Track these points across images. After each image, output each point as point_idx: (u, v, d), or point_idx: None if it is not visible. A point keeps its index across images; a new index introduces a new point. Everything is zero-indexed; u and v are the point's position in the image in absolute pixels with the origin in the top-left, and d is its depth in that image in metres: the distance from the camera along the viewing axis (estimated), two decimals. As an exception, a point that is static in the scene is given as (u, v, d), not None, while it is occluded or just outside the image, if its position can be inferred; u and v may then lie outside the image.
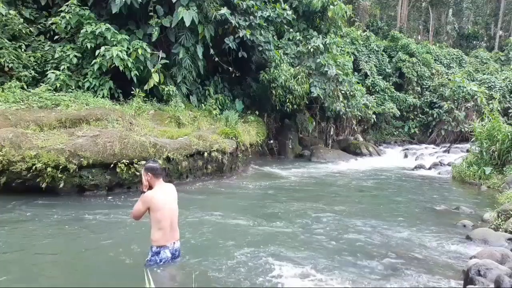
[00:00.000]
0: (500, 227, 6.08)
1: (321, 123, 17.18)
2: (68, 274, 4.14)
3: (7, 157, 6.59)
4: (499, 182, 9.51)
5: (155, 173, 4.04)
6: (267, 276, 4.17)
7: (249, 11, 12.32)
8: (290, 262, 4.53)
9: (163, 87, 10.67)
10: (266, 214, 6.78)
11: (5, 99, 8.23)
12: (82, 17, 9.95)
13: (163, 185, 4.13)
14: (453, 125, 20.92)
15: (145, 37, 10.87)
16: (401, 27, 33.02)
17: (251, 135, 11.94)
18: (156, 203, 3.95)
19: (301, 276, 4.21)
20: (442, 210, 7.65)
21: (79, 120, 8.06)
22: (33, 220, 5.71)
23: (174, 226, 4.10)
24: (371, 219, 6.65)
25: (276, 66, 13.39)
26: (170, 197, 4.11)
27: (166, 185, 4.19)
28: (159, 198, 3.99)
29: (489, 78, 24.22)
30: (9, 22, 9.62)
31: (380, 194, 9.25)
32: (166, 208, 4.00)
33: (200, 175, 9.54)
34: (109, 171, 7.44)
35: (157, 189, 4.05)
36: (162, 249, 4.03)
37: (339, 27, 17.11)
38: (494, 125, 10.67)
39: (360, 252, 5.06)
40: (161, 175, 4.15)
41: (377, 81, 21.92)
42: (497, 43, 35.94)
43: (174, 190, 4.22)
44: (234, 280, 4.06)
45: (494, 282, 3.84)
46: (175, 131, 9.48)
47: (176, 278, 4.03)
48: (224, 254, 4.73)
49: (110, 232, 5.42)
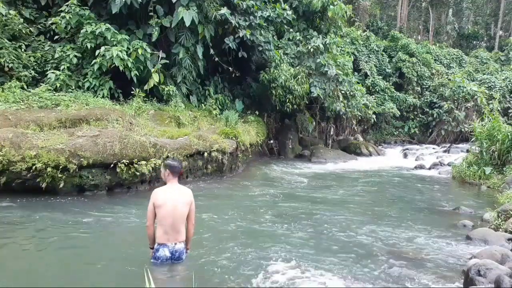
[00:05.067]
0: (500, 227, 6.08)
1: (321, 123, 17.18)
2: (68, 274, 4.14)
3: (7, 157, 6.58)
4: (499, 182, 9.51)
5: (172, 171, 4.12)
6: (267, 276, 4.17)
7: (249, 11, 12.31)
8: (290, 262, 4.53)
9: (163, 87, 10.67)
10: (266, 214, 6.78)
11: (5, 99, 8.23)
12: (82, 17, 9.94)
13: (174, 185, 4.14)
14: (453, 125, 20.94)
15: (145, 37, 10.86)
16: (401, 27, 33.03)
17: (251, 135, 11.94)
18: (158, 199, 3.99)
19: (301, 276, 4.21)
20: (442, 210, 7.66)
21: (79, 120, 8.06)
22: (32, 220, 5.71)
23: (177, 227, 4.05)
24: (371, 219, 6.65)
25: (276, 66, 13.38)
26: (176, 197, 4.07)
27: (178, 186, 4.17)
28: (163, 195, 4.02)
29: (489, 78, 24.22)
30: (9, 22, 9.60)
31: (380, 194, 9.24)
32: (168, 206, 3.99)
33: (200, 175, 9.54)
34: (109, 171, 7.44)
35: (165, 187, 4.12)
36: (161, 247, 4.03)
37: (339, 27, 17.10)
38: (494, 125, 10.66)
39: (360, 252, 5.06)
40: (178, 174, 4.17)
41: (377, 81, 21.92)
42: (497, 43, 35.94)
43: (187, 193, 4.15)
44: (234, 280, 4.06)
45: (494, 282, 3.83)
46: (175, 131, 9.48)
47: (176, 278, 4.03)
48: (224, 254, 4.73)
49: (110, 232, 5.42)
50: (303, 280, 4.13)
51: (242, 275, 4.18)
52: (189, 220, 4.15)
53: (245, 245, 5.06)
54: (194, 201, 4.18)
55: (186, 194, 4.15)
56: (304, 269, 4.36)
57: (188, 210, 4.11)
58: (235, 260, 4.54)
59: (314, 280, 4.13)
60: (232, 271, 4.27)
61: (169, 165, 4.16)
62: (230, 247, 4.98)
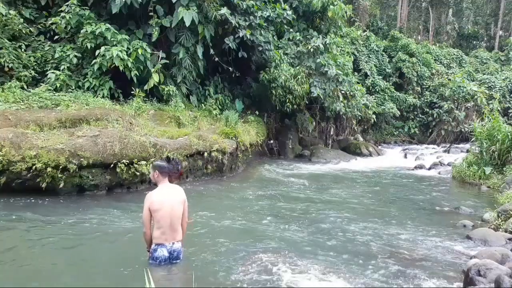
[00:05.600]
0: (500, 227, 6.08)
1: (321, 123, 17.17)
2: (67, 274, 4.13)
3: (7, 157, 6.58)
4: (499, 182, 9.50)
5: (161, 172, 4.09)
6: (267, 276, 4.17)
7: (249, 11, 12.31)
8: (290, 262, 4.53)
9: (163, 87, 10.67)
10: (266, 214, 6.78)
11: (5, 99, 8.22)
12: (82, 17, 9.94)
13: (166, 186, 4.12)
14: (453, 125, 20.94)
15: (145, 37, 10.86)
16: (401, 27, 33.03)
17: (251, 135, 11.94)
18: (154, 203, 3.97)
19: (301, 276, 4.22)
20: (442, 210, 7.65)
21: (79, 120, 8.05)
22: (32, 220, 5.70)
23: (174, 227, 4.07)
24: (371, 219, 6.65)
25: (276, 66, 13.38)
26: (172, 197, 4.08)
27: (170, 186, 4.16)
28: (158, 199, 4.00)
29: (489, 78, 24.23)
30: (9, 22, 9.60)
31: (380, 194, 9.24)
32: (165, 208, 3.99)
33: (200, 175, 9.54)
34: (109, 171, 7.44)
35: (158, 189, 4.08)
36: (160, 247, 4.03)
37: (339, 27, 17.10)
38: (494, 125, 10.66)
39: (359, 252, 5.06)
40: (167, 175, 4.14)
41: (377, 81, 21.92)
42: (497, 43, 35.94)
43: (179, 192, 4.16)
44: (234, 280, 4.06)
45: (494, 282, 3.84)
46: (175, 131, 9.48)
47: (176, 278, 4.03)
48: (224, 254, 4.73)
49: (110, 232, 5.42)
50: (303, 280, 4.13)
51: (242, 275, 4.17)
52: (183, 218, 4.18)
53: (245, 244, 5.06)
54: (186, 199, 4.20)
55: (180, 193, 4.17)
56: (304, 269, 4.36)
57: (182, 209, 4.14)
58: (235, 260, 4.54)
59: (314, 280, 4.13)
60: (232, 271, 4.26)
61: (158, 166, 4.10)
62: (230, 247, 4.98)
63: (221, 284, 3.98)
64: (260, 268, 4.36)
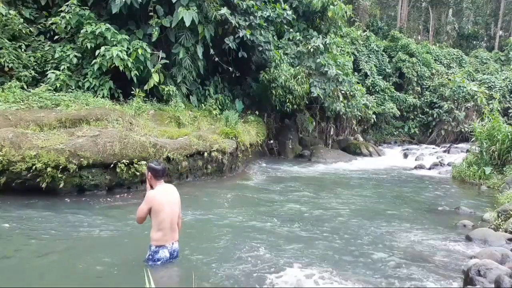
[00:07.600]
0: (500, 227, 6.08)
1: (321, 123, 17.18)
2: (67, 274, 4.13)
3: (7, 157, 6.57)
4: (499, 182, 9.51)
5: (156, 174, 4.08)
6: (267, 276, 4.17)
7: (249, 11, 12.31)
8: (290, 262, 4.53)
9: (163, 87, 10.67)
10: (267, 214, 6.78)
11: (5, 99, 8.22)
12: (82, 17, 9.94)
13: (164, 186, 4.14)
14: (453, 125, 20.94)
15: (145, 37, 10.86)
16: (401, 27, 33.02)
17: (251, 135, 11.94)
18: (158, 203, 3.98)
19: (301, 276, 4.21)
20: (442, 210, 7.65)
21: (79, 120, 8.05)
22: (32, 221, 5.70)
23: (174, 227, 4.10)
24: (371, 219, 6.65)
25: (276, 66, 13.38)
26: (171, 198, 4.11)
27: (167, 186, 4.19)
28: (161, 199, 4.01)
29: (489, 78, 24.22)
30: (9, 22, 9.60)
31: (380, 194, 9.24)
32: (166, 209, 4.00)
33: (200, 175, 9.54)
34: (109, 171, 7.43)
35: (158, 190, 4.08)
36: (161, 248, 4.04)
37: (339, 27, 17.10)
38: (494, 125, 10.67)
39: (359, 252, 5.06)
40: (162, 176, 4.14)
41: (377, 81, 21.92)
42: (497, 43, 35.92)
43: (175, 192, 4.22)
44: (234, 280, 4.06)
45: (494, 282, 3.84)
46: (175, 131, 9.48)
47: (176, 278, 4.04)
48: (224, 253, 4.73)
49: (109, 232, 5.42)
50: (303, 279, 4.13)
51: (242, 275, 4.17)
52: (179, 217, 4.23)
53: (245, 244, 5.06)
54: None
55: (175, 192, 4.21)
56: (303, 269, 4.36)
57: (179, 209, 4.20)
58: (235, 260, 4.54)
59: (314, 280, 4.13)
60: (232, 270, 4.26)
61: (152, 168, 4.09)
62: (230, 247, 4.98)
63: (221, 284, 3.98)
64: (261, 267, 4.36)
